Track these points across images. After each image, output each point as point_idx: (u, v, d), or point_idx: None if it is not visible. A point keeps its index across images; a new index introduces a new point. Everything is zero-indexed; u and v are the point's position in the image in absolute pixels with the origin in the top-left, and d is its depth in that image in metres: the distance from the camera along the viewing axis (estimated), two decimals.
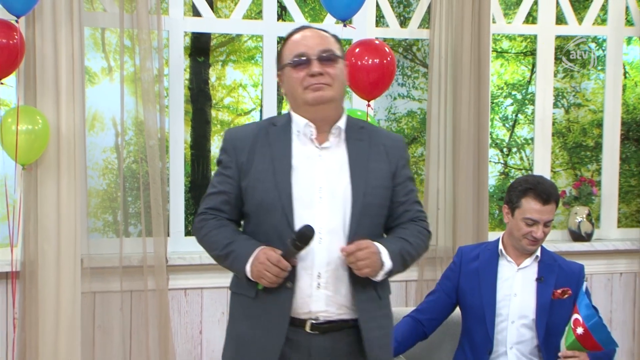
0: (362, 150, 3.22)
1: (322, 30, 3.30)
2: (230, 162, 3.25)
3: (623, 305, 6.35)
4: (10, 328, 5.30)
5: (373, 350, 3.15)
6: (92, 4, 5.44)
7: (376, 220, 3.21)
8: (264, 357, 3.14)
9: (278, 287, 3.10)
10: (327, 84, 3.12)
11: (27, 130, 5.05)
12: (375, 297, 3.19)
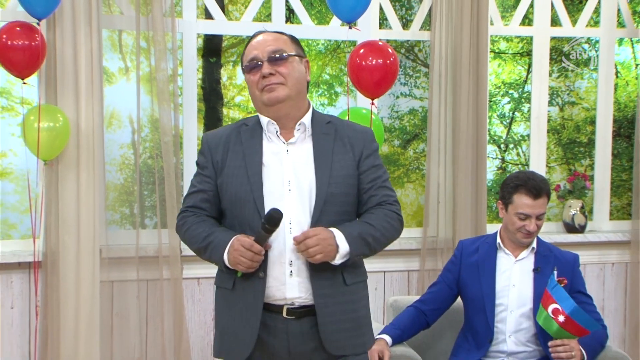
0: (327, 143, 3.22)
1: (276, 32, 3.31)
2: (206, 163, 3.29)
3: (615, 294, 6.35)
4: (32, 315, 5.32)
5: (328, 335, 3.14)
6: (109, 7, 5.44)
7: (342, 209, 3.19)
8: (243, 345, 3.15)
9: (252, 277, 3.13)
10: (280, 83, 3.14)
11: (49, 127, 5.07)
12: (340, 283, 3.17)
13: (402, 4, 6.50)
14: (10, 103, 5.70)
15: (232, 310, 3.22)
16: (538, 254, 4.37)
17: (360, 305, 3.25)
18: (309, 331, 3.14)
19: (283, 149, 3.20)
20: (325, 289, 3.12)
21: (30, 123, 5.07)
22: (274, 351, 3.17)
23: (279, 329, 3.15)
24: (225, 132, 3.32)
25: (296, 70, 3.20)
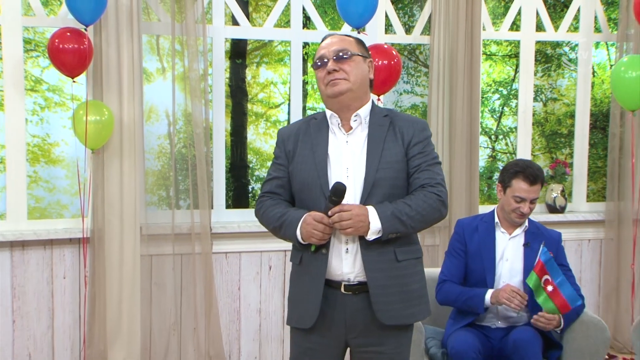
0: (380, 133, 3.18)
1: (344, 35, 3.30)
2: (280, 153, 3.28)
3: (590, 267, 6.37)
4: (82, 284, 5.33)
5: (383, 308, 3.10)
6: (148, 14, 5.44)
7: (390, 191, 3.13)
8: (308, 314, 3.15)
9: (316, 254, 3.12)
10: (343, 79, 3.12)
11: (95, 120, 5.08)
12: (392, 259, 3.13)
13: (405, 11, 6.48)
14: (62, 99, 5.73)
15: (299, 283, 3.24)
16: (528, 232, 4.38)
17: (412, 280, 3.20)
18: (365, 306, 3.12)
19: (343, 140, 3.18)
20: (378, 264, 3.08)
21: (80, 117, 5.08)
22: (333, 322, 3.16)
23: (338, 303, 3.14)
24: (296, 126, 3.32)
25: (359, 67, 3.17)
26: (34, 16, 5.32)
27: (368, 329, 3.15)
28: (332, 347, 3.21)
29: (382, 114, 3.24)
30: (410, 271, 3.19)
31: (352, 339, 3.18)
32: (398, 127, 3.20)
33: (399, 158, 3.16)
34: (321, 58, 3.18)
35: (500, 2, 6.74)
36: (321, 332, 3.18)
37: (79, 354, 5.38)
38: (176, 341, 5.50)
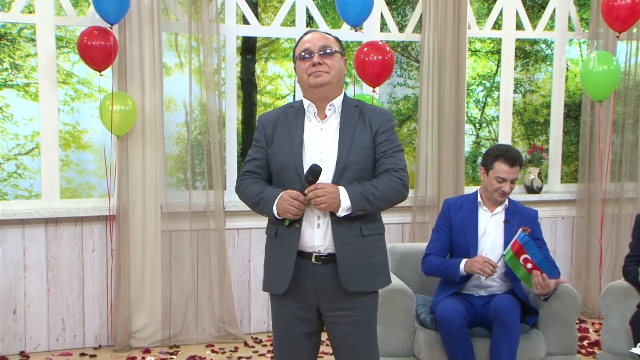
0: (351, 122, 3.18)
1: (325, 32, 3.30)
2: (260, 137, 3.26)
3: (564, 242, 6.39)
4: (109, 257, 5.37)
5: (347, 277, 3.11)
6: (167, 14, 5.44)
7: (358, 174, 3.14)
8: (281, 281, 3.15)
9: (290, 228, 3.13)
10: (325, 72, 3.12)
11: (120, 110, 5.10)
12: (358, 234, 3.14)
13: (399, 12, 6.47)
14: (90, 91, 5.74)
15: (274, 253, 3.22)
16: (508, 210, 4.39)
17: (375, 253, 3.20)
18: (333, 275, 3.11)
19: (318, 127, 3.17)
20: (345, 239, 3.09)
21: (106, 106, 5.10)
22: (305, 289, 3.15)
23: (309, 272, 3.13)
24: (275, 113, 3.31)
25: (338, 63, 3.17)
26: (65, 16, 5.33)
27: (337, 296, 3.15)
28: (305, 312, 3.20)
29: (352, 105, 3.26)
30: (374, 245, 3.20)
31: (323, 304, 3.18)
32: (367, 116, 3.21)
33: (367, 144, 3.16)
34: (306, 51, 3.16)
35: (484, 3, 6.73)
36: (295, 297, 3.18)
37: (106, 319, 5.41)
38: (193, 308, 5.52)
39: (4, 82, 5.58)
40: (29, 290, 5.25)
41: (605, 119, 6.08)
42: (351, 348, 3.20)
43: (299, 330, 3.23)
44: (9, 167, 5.65)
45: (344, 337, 3.20)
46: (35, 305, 5.27)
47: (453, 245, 4.42)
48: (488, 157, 4.36)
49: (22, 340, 5.27)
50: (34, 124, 5.55)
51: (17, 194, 5.66)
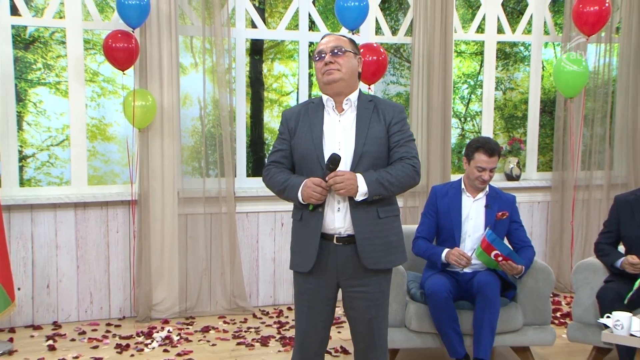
0: (366, 114, 3.18)
1: (340, 35, 3.29)
2: (284, 130, 3.27)
3: (539, 224, 6.40)
4: (131, 238, 5.38)
5: (367, 256, 3.13)
6: (184, 19, 5.44)
7: (374, 162, 3.14)
8: (306, 261, 3.17)
9: (315, 212, 3.14)
10: (337, 69, 3.12)
11: (141, 105, 5.11)
12: (375, 216, 3.14)
13: (392, 17, 6.47)
14: (114, 88, 5.75)
15: (300, 235, 3.24)
16: (489, 195, 4.39)
17: (391, 233, 3.21)
18: (353, 254, 3.15)
19: (336, 119, 3.18)
20: (363, 220, 3.11)
21: (129, 102, 5.11)
22: (327, 267, 3.17)
23: (330, 252, 3.15)
24: (297, 108, 3.31)
25: (350, 62, 3.16)
26: (92, 21, 5.33)
27: (355, 273, 3.17)
28: (326, 288, 3.21)
29: (367, 99, 3.25)
30: (389, 226, 3.20)
31: (343, 280, 3.19)
32: (381, 110, 3.21)
33: (381, 135, 3.16)
34: (320, 52, 3.17)
35: (469, 9, 6.72)
36: (317, 275, 3.19)
37: (129, 293, 5.44)
38: (207, 283, 5.53)
39: (37, 80, 5.60)
40: (61, 267, 5.27)
41: (577, 114, 6.10)
42: (367, 320, 3.22)
43: (318, 304, 3.25)
44: (42, 156, 5.67)
45: (361, 310, 3.22)
46: (66, 280, 5.29)
47: (439, 228, 4.42)
48: (469, 149, 4.37)
49: (55, 311, 5.30)
50: (64, 118, 5.56)
51: (50, 181, 5.68)
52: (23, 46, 5.52)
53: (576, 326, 4.46)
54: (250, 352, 4.71)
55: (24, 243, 5.18)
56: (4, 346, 4.74)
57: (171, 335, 5.01)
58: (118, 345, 4.78)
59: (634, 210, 4.33)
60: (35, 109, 5.63)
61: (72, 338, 4.97)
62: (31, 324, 5.23)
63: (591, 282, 4.39)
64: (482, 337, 4.09)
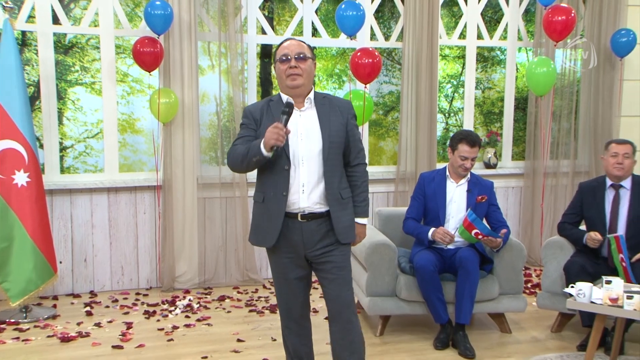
0: (326, 110, 3.17)
1: (300, 40, 3.20)
2: (249, 121, 3.19)
3: (514, 206, 6.40)
4: (157, 218, 5.40)
5: (341, 230, 3.15)
6: (202, 27, 5.42)
7: (338, 151, 3.15)
8: (270, 236, 3.14)
9: (277, 196, 3.11)
10: (299, 74, 3.07)
11: (165, 102, 5.12)
12: (339, 198, 3.16)
13: (385, 24, 6.44)
14: (141, 87, 5.72)
15: (263, 215, 3.17)
16: (470, 181, 4.40)
17: (351, 212, 3.23)
18: (316, 228, 3.13)
19: (297, 114, 3.13)
20: (333, 202, 3.13)
21: (154, 99, 5.12)
22: (292, 242, 3.15)
23: (296, 228, 3.12)
24: (259, 104, 3.23)
25: (309, 67, 3.12)
26: (122, 28, 5.32)
27: (320, 245, 3.15)
28: (296, 260, 3.19)
29: (321, 97, 3.23)
30: (349, 205, 3.22)
31: (309, 253, 3.16)
32: (337, 106, 3.20)
33: (341, 128, 3.17)
34: (285, 55, 3.09)
35: (452, 18, 6.69)
36: (286, 249, 3.17)
37: (155, 266, 5.45)
38: (222, 258, 5.55)
39: (75, 81, 5.57)
40: (96, 244, 5.30)
41: (546, 110, 6.11)
42: (334, 280, 3.19)
43: (292, 275, 3.23)
44: (80, 147, 5.63)
45: (328, 272, 3.19)
46: (101, 255, 5.32)
47: (426, 210, 4.44)
48: (453, 140, 4.39)
49: (92, 282, 5.33)
50: (98, 113, 5.54)
51: (86, 168, 5.65)
52: (63, 51, 5.49)
53: (545, 295, 4.52)
54: (261, 318, 4.74)
55: (65, 223, 5.20)
56: (49, 311, 4.79)
57: (192, 303, 5.03)
58: (146, 312, 4.82)
59: (596, 195, 4.39)
60: (73, 106, 5.60)
61: (106, 305, 5.00)
62: (71, 293, 5.27)
63: (558, 257, 4.45)
64: (463, 305, 4.13)
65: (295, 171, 3.09)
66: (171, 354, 4.06)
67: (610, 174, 4.35)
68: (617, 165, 4.30)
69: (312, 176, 3.11)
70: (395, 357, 4.04)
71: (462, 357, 4.04)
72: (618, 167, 4.30)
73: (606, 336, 4.10)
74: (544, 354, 4.11)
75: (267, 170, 3.13)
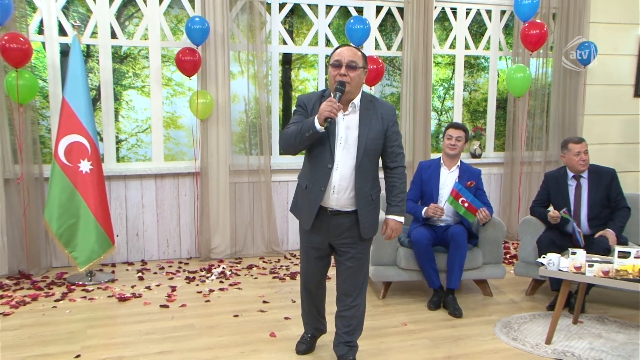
0: (368, 116, 2.93)
1: (355, 48, 2.96)
2: (301, 109, 3.00)
3: (495, 190, 6.38)
4: (196, 199, 5.39)
5: (365, 228, 3.02)
6: (233, 38, 5.39)
7: (373, 157, 2.96)
8: (307, 221, 3.05)
9: (317, 189, 2.96)
10: (347, 82, 2.84)
11: (202, 102, 5.11)
12: (369, 199, 3.00)
13: (387, 36, 6.44)
14: (182, 90, 5.71)
15: (304, 200, 3.06)
16: (461, 169, 4.38)
17: (377, 211, 3.10)
18: (342, 222, 3.01)
19: (341, 117, 2.93)
20: (362, 202, 2.97)
21: (194, 100, 5.13)
22: (322, 228, 3.05)
23: (324, 219, 3.01)
24: (313, 95, 3.03)
25: (359, 76, 2.89)
26: (167, 41, 5.32)
27: (344, 236, 3.05)
28: (321, 243, 3.11)
29: (368, 99, 2.98)
30: (377, 204, 3.07)
31: (333, 240, 3.08)
32: (380, 112, 2.96)
33: (379, 135, 2.95)
34: (338, 60, 2.86)
35: (444, 31, 6.71)
36: (315, 233, 3.08)
37: (194, 240, 5.46)
38: (250, 233, 5.54)
39: (128, 85, 5.62)
40: (145, 221, 5.33)
41: (522, 109, 6.11)
42: (349, 268, 3.11)
43: (314, 255, 3.16)
44: (132, 140, 5.69)
45: (346, 259, 3.10)
46: (149, 230, 5.35)
47: (423, 192, 4.42)
48: (445, 128, 4.43)
49: (142, 252, 5.37)
50: (147, 112, 5.57)
51: (137, 158, 5.69)
52: (119, 60, 5.52)
53: (520, 264, 4.54)
54: (283, 284, 4.73)
55: (120, 203, 5.23)
56: (109, 276, 4.84)
57: (225, 270, 5.03)
58: (187, 278, 4.84)
59: (559, 185, 4.37)
60: (127, 105, 5.65)
61: (154, 272, 5.03)
62: (126, 261, 5.31)
63: (532, 233, 4.46)
64: (453, 272, 4.14)
65: (333, 172, 2.92)
66: (208, 312, 4.08)
67: (576, 169, 4.31)
68: (582, 162, 4.28)
69: (343, 181, 2.94)
70: (395, 316, 4.06)
71: (452, 316, 4.06)
72: (582, 163, 4.28)
73: (570, 298, 4.15)
74: (520, 313, 4.14)
75: (315, 164, 2.97)
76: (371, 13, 5.79)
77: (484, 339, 3.72)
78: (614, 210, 4.28)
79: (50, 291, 4.51)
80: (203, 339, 3.62)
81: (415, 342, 3.63)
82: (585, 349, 3.55)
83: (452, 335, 3.76)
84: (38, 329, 3.78)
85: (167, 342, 3.58)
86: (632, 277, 3.34)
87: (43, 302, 4.28)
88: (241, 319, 3.97)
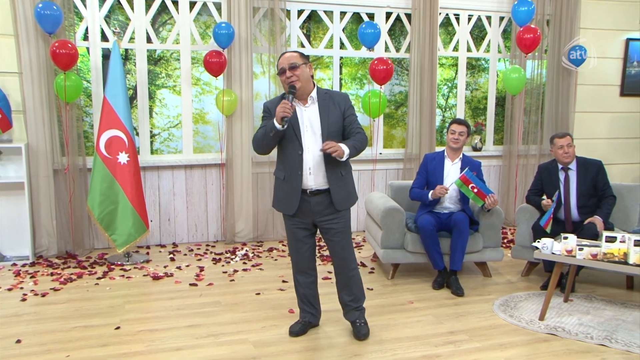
0: (326, 104, 3.01)
1: (292, 51, 3.02)
2: (267, 113, 3.03)
3: (495, 180, 6.36)
4: (221, 188, 5.40)
5: (337, 201, 3.05)
6: (256, 42, 5.39)
7: (337, 138, 3.01)
8: (291, 206, 3.07)
9: (295, 176, 3.01)
10: (296, 80, 2.92)
11: (228, 100, 5.11)
12: (340, 175, 3.05)
13: (396, 39, 6.42)
14: (210, 88, 5.74)
15: (283, 190, 3.10)
16: (463, 161, 4.36)
17: (349, 185, 3.13)
18: (320, 201, 3.05)
19: (303, 109, 3.01)
20: (332, 179, 3.03)
21: (219, 97, 5.13)
22: (304, 211, 3.08)
23: (306, 200, 3.04)
24: (276, 99, 3.07)
25: (303, 72, 2.96)
26: (196, 44, 5.32)
27: (324, 213, 3.08)
28: (306, 224, 3.13)
29: (323, 92, 3.05)
30: (348, 180, 3.11)
31: (316, 219, 3.10)
32: (336, 100, 3.03)
33: (339, 119, 3.02)
34: (282, 68, 2.96)
35: (448, 35, 6.68)
36: (298, 216, 3.10)
37: (220, 224, 5.47)
38: (271, 219, 5.53)
39: (161, 84, 5.66)
40: (176, 207, 5.35)
41: (519, 107, 6.08)
42: (336, 242, 3.15)
43: (301, 235, 3.16)
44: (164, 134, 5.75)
45: (331, 235, 3.13)
46: (180, 216, 5.37)
47: (428, 182, 4.41)
48: (449, 124, 4.39)
49: (174, 236, 5.39)
50: (178, 109, 5.59)
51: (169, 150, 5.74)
52: (153, 62, 5.58)
53: (517, 248, 4.52)
54: None
55: (154, 191, 5.26)
56: (144, 257, 4.88)
57: (248, 252, 5.05)
58: (214, 259, 4.85)
59: (551, 176, 4.34)
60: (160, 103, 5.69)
61: (184, 253, 5.05)
62: (159, 244, 5.34)
63: (528, 219, 4.45)
64: (456, 255, 4.14)
65: (304, 156, 2.98)
66: (233, 290, 4.11)
67: (561, 161, 4.30)
68: (565, 154, 4.26)
69: (315, 160, 2.99)
70: (403, 295, 4.07)
71: (454, 295, 4.06)
72: (566, 156, 4.26)
73: (562, 279, 4.14)
74: (516, 293, 4.15)
75: (286, 154, 3.03)
76: (381, 18, 5.77)
77: (483, 315, 3.73)
78: (601, 198, 4.26)
79: (93, 270, 4.57)
80: (228, 315, 3.65)
81: (421, 319, 3.65)
82: (574, 325, 3.56)
83: (455, 312, 3.78)
84: (83, 303, 3.84)
85: (195, 317, 3.62)
86: (617, 260, 3.38)
87: (87, 280, 4.34)
88: (262, 297, 3.99)
